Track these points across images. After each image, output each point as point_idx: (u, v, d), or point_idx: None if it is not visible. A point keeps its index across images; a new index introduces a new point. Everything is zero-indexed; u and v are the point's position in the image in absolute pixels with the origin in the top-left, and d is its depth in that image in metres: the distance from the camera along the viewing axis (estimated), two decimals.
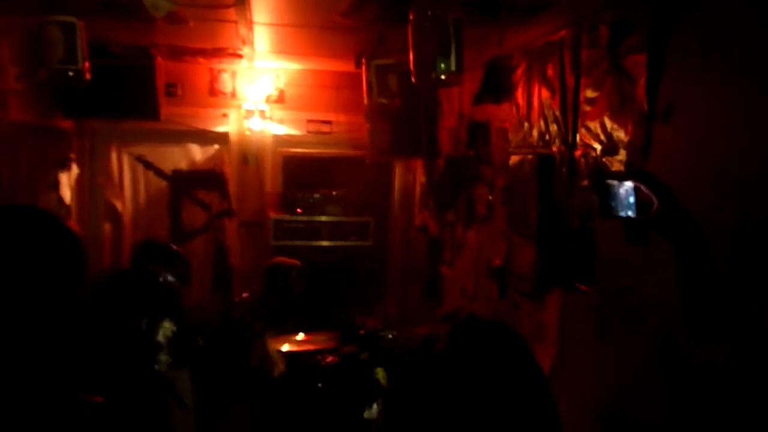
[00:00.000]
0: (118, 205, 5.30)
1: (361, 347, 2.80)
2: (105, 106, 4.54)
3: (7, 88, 3.61)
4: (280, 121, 5.47)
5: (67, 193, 4.57)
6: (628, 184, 1.55)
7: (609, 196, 1.59)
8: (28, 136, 3.91)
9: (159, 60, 4.61)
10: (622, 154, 2.44)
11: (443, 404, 1.03)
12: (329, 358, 2.91)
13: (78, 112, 4.67)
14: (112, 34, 4.03)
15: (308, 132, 5.52)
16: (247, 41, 3.91)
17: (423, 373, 1.08)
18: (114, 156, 5.30)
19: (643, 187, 1.53)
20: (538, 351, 3.07)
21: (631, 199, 1.55)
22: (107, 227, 5.29)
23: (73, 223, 1.43)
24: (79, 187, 4.93)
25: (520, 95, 3.37)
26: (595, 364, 2.62)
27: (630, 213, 1.56)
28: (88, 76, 2.89)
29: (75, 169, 4.74)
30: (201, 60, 4.93)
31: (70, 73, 2.78)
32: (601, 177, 1.67)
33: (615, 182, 1.57)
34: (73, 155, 4.76)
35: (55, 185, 4.43)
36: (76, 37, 2.79)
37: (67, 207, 4.63)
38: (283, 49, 4.53)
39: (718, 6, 1.96)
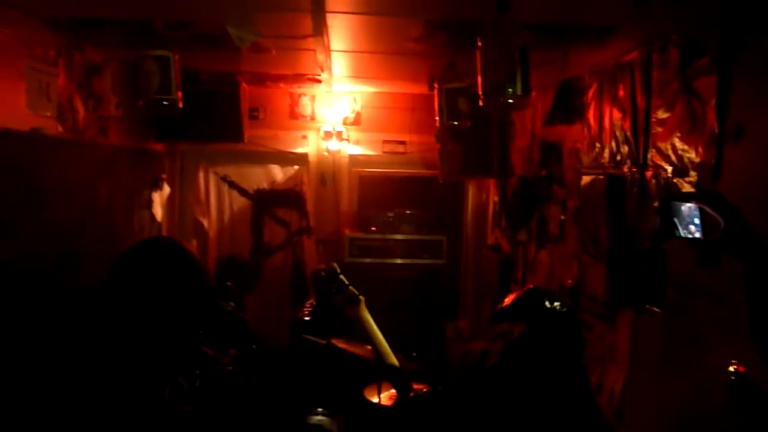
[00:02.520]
0: (205, 222, 5.62)
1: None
2: (194, 130, 4.85)
3: (107, 115, 3.94)
4: (357, 142, 5.66)
5: (158, 211, 4.89)
6: (692, 206, 1.57)
7: (672, 217, 1.62)
8: (125, 158, 4.24)
9: (243, 86, 4.89)
10: (692, 176, 2.42)
11: (495, 417, 1.10)
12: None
13: (170, 136, 5.02)
14: (200, 63, 4.32)
15: (383, 152, 5.68)
16: (325, 67, 4.09)
17: (477, 387, 1.15)
18: (201, 176, 5.64)
19: (708, 209, 1.55)
20: (609, 372, 3.07)
21: (696, 220, 1.57)
22: (194, 243, 5.61)
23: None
24: (169, 205, 5.26)
25: (591, 116, 3.38)
26: (665, 387, 2.59)
27: (695, 234, 1.57)
28: (180, 105, 3.13)
29: (166, 189, 5.07)
30: (282, 85, 5.19)
31: (165, 103, 3.02)
32: (664, 198, 1.69)
33: (678, 203, 1.59)
34: (164, 176, 5.10)
35: (148, 203, 4.76)
36: (170, 70, 3.03)
37: (159, 224, 4.95)
38: (360, 74, 4.71)
39: None
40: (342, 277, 2.34)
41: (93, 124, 3.73)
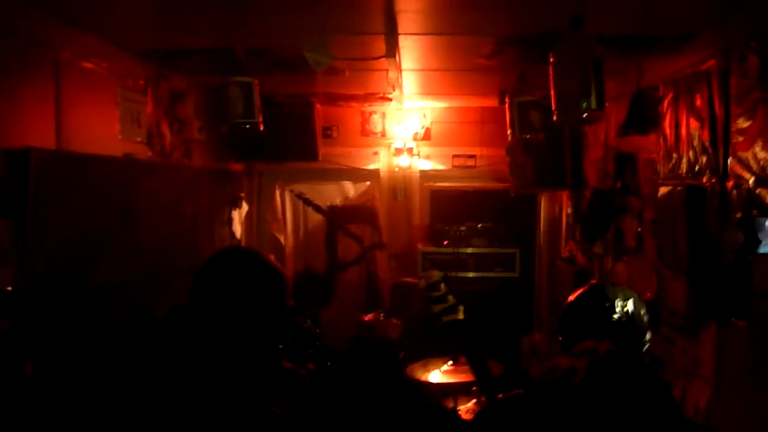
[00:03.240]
0: (281, 238, 5.81)
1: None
2: (270, 150, 5.04)
3: (191, 138, 4.15)
4: (427, 157, 5.72)
5: (238, 228, 5.09)
6: None
7: (756, 232, 1.59)
8: (206, 178, 4.45)
9: (317, 106, 5.05)
10: None
11: None
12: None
13: (248, 156, 5.24)
14: (276, 86, 4.49)
15: (453, 166, 5.72)
16: (396, 86, 4.19)
17: (563, 404, 1.17)
18: (278, 194, 5.83)
19: None
20: (692, 388, 2.99)
21: None
22: (272, 258, 5.79)
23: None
24: (247, 222, 5.46)
25: (667, 126, 3.32)
26: (750, 402, 2.51)
27: None
28: (261, 127, 3.29)
29: (245, 207, 5.27)
30: (354, 104, 5.33)
31: (247, 126, 3.18)
32: (747, 214, 1.67)
33: (763, 218, 1.57)
34: (243, 194, 5.30)
35: (229, 221, 4.96)
36: (252, 95, 3.19)
37: (238, 241, 5.15)
38: (430, 91, 4.78)
39: None
40: (443, 285, 2.34)
41: (178, 148, 3.95)
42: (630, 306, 1.92)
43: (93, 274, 2.80)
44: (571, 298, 2.06)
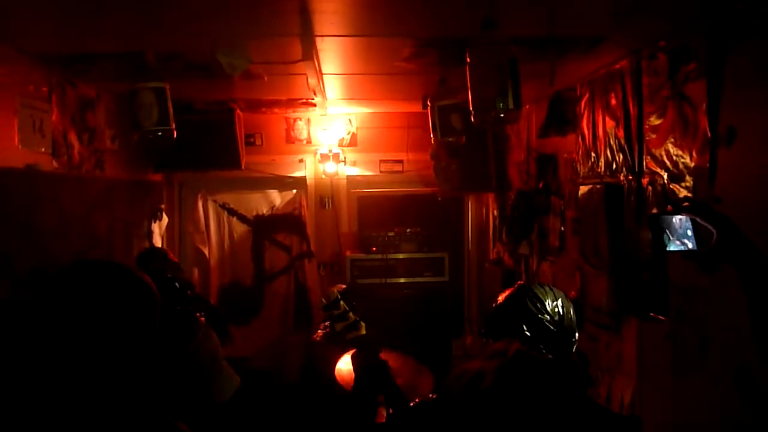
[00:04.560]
0: (205, 250, 5.62)
1: None
2: (191, 159, 4.87)
3: (103, 148, 3.95)
4: (354, 163, 5.67)
5: (158, 242, 4.88)
6: (683, 218, 1.56)
7: (663, 230, 1.61)
8: (122, 190, 4.25)
9: (238, 113, 4.91)
10: (688, 181, 2.42)
11: None
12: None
13: (167, 166, 5.04)
14: (195, 92, 4.34)
15: (381, 172, 5.69)
16: (318, 91, 4.11)
17: (472, 410, 1.12)
18: (200, 205, 5.64)
19: (699, 219, 1.54)
20: (617, 383, 3.03)
21: (689, 232, 1.56)
22: (195, 272, 5.60)
23: (144, 274, 1.57)
24: (169, 235, 5.26)
25: (585, 126, 3.39)
26: (674, 394, 2.56)
27: (689, 245, 1.56)
28: (175, 135, 3.14)
29: (165, 219, 5.06)
30: (277, 110, 5.21)
31: (160, 133, 3.03)
32: (653, 214, 1.69)
33: (669, 217, 1.59)
34: (163, 206, 5.10)
35: (148, 234, 4.75)
36: (165, 100, 3.05)
37: None
38: (353, 95, 4.73)
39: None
40: (342, 303, 2.31)
41: (89, 158, 3.74)
42: (558, 305, 1.90)
43: None
44: (499, 299, 2.03)
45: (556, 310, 1.86)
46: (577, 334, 1.90)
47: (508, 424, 1.09)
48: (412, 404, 1.97)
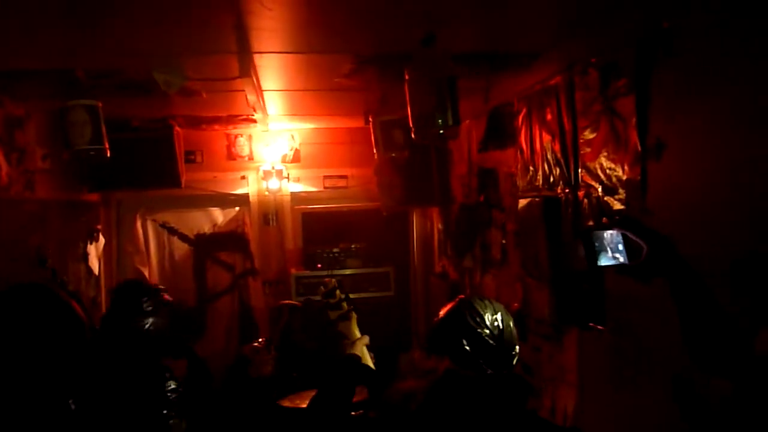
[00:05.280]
0: (145, 271, 5.45)
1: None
2: (129, 178, 4.73)
3: (33, 168, 3.80)
4: (297, 180, 5.62)
5: (95, 264, 4.72)
6: (614, 232, 1.59)
7: (594, 246, 1.63)
8: (55, 211, 4.09)
9: (177, 130, 4.80)
10: (621, 193, 2.49)
11: None
12: None
13: (103, 185, 4.88)
14: (131, 109, 4.23)
15: (325, 188, 5.66)
16: (258, 107, 4.06)
17: (402, 429, 1.11)
18: (139, 224, 5.49)
19: (630, 234, 1.58)
20: (560, 393, 3.07)
21: (620, 246, 1.59)
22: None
23: (64, 294, 1.54)
24: (106, 256, 5.09)
25: (523, 140, 3.45)
26: (614, 402, 2.61)
27: (620, 260, 1.60)
28: (108, 153, 3.05)
29: (102, 240, 4.90)
30: (217, 127, 5.12)
31: (92, 153, 2.94)
32: (584, 229, 1.72)
33: (600, 232, 1.62)
34: (99, 226, 4.93)
35: (84, 256, 4.59)
36: (98, 118, 2.96)
37: (96, 277, 4.78)
38: (295, 111, 4.69)
39: (693, 46, 2.04)
40: (338, 292, 2.29)
41: (18, 179, 3.59)
42: (498, 319, 1.91)
43: None
44: (440, 314, 2.03)
45: (496, 324, 1.86)
46: (517, 347, 1.91)
47: None
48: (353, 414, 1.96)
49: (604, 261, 1.59)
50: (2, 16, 2.29)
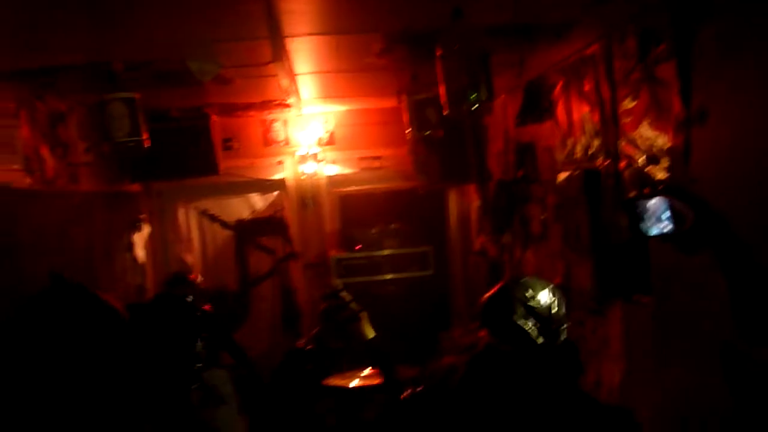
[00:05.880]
0: (188, 258, 5.56)
1: None
2: (169, 168, 4.82)
3: (77, 161, 3.89)
4: (333, 162, 5.63)
5: (140, 253, 4.83)
6: (659, 200, 1.56)
7: (639, 215, 1.60)
8: (100, 202, 4.19)
9: (214, 118, 4.86)
10: (664, 162, 2.42)
11: None
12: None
13: (145, 176, 4.98)
14: (168, 100, 4.29)
15: (360, 169, 5.66)
16: (292, 91, 4.08)
17: (443, 404, 1.11)
18: (181, 213, 5.59)
19: (675, 202, 1.54)
20: (605, 367, 3.04)
21: (665, 215, 1.56)
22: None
23: (109, 296, 1.58)
24: (151, 245, 5.20)
25: (561, 113, 3.39)
26: (661, 374, 2.57)
27: (665, 229, 1.56)
28: (147, 144, 3.11)
29: (146, 229, 5.01)
30: (252, 113, 5.17)
31: (131, 144, 3.00)
32: (629, 199, 1.68)
33: (644, 200, 1.58)
34: (143, 216, 5.04)
35: (129, 246, 4.70)
36: (136, 111, 3.01)
37: (142, 266, 4.89)
38: (328, 94, 4.70)
39: (733, 7, 1.97)
40: (343, 293, 2.31)
41: (63, 172, 3.69)
42: (548, 295, 1.88)
43: None
44: (488, 293, 2.02)
45: (545, 300, 1.85)
46: (565, 324, 1.89)
47: (478, 420, 1.08)
48: (402, 397, 1.97)
49: (649, 230, 1.56)
50: (39, 13, 2.34)
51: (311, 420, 3.52)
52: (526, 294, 1.83)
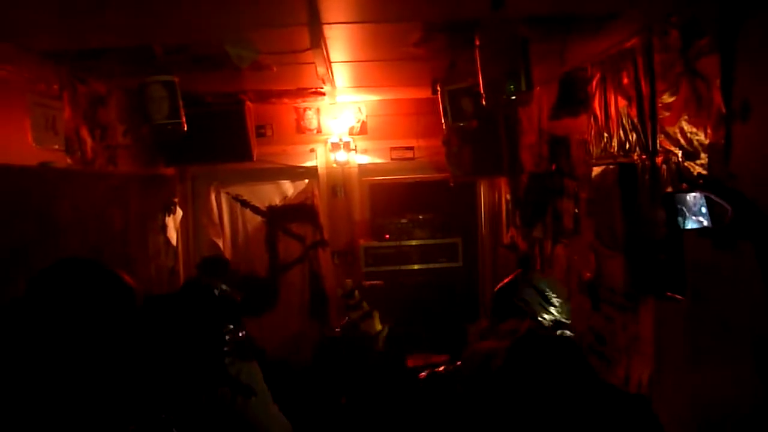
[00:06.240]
0: (219, 242, 5.64)
1: None
2: (203, 152, 4.89)
3: (115, 143, 3.97)
4: (365, 151, 5.66)
5: (173, 235, 4.91)
6: (698, 195, 1.54)
7: (677, 209, 1.59)
8: (136, 185, 4.27)
9: (248, 104, 4.91)
10: (703, 158, 2.38)
11: (502, 421, 1.06)
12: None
13: (179, 160, 5.06)
14: (204, 85, 4.35)
15: (392, 159, 5.68)
16: (327, 79, 4.10)
17: (483, 388, 1.11)
18: (213, 197, 5.67)
19: (713, 197, 1.52)
20: (634, 364, 3.02)
21: (703, 209, 1.55)
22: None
23: (122, 272, 1.60)
24: (183, 228, 5.28)
25: (597, 106, 3.35)
26: (693, 373, 2.54)
27: (703, 223, 1.55)
28: (185, 127, 3.16)
29: (179, 213, 5.09)
30: (286, 100, 5.21)
31: (169, 127, 3.05)
32: (667, 193, 1.67)
33: (683, 194, 1.57)
34: (176, 199, 5.12)
35: (163, 228, 4.78)
36: (175, 94, 3.06)
37: (174, 248, 4.97)
38: (362, 83, 4.71)
39: None
40: (356, 292, 2.39)
41: (101, 154, 3.76)
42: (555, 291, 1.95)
43: (9, 288, 2.62)
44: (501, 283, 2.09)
45: (553, 295, 1.92)
46: (559, 313, 1.96)
47: (518, 403, 1.09)
48: (422, 375, 2.03)
49: (687, 224, 1.54)
50: None
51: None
52: (533, 281, 1.90)
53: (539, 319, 1.71)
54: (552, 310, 1.88)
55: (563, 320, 1.89)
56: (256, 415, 2.45)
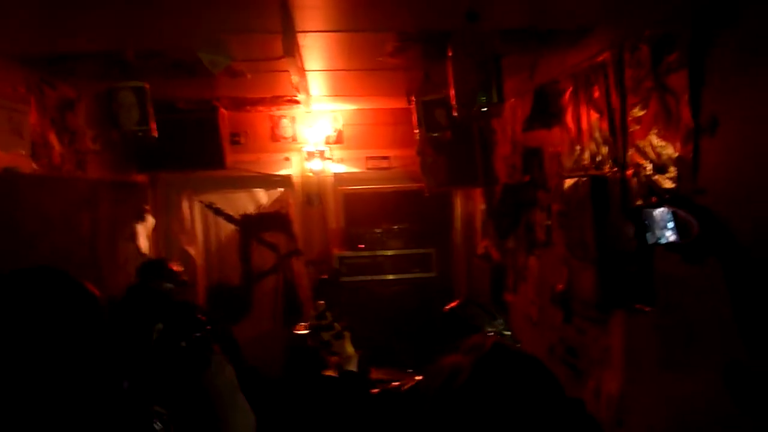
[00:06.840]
0: (192, 250, 5.57)
1: None
2: (175, 159, 4.82)
3: (84, 149, 3.90)
4: (340, 160, 5.63)
5: (144, 243, 4.83)
6: (665, 210, 1.55)
7: (644, 223, 1.60)
8: (105, 191, 4.20)
9: (222, 111, 4.86)
10: (672, 171, 2.41)
11: None
12: None
13: (151, 166, 4.98)
14: (177, 91, 4.30)
15: (367, 169, 5.66)
16: (302, 88, 4.08)
17: (446, 407, 1.09)
18: (186, 205, 5.59)
19: (680, 212, 1.54)
20: (605, 376, 3.03)
21: (670, 224, 1.56)
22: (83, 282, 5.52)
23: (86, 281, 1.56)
24: (155, 236, 5.20)
25: (569, 119, 3.38)
26: (662, 386, 2.56)
27: (670, 238, 1.56)
28: (155, 133, 3.11)
29: (150, 220, 5.01)
30: (261, 108, 5.17)
31: (140, 133, 3.01)
32: (634, 207, 1.69)
33: (650, 210, 1.58)
34: (148, 207, 5.04)
35: (133, 236, 4.70)
36: (145, 100, 3.02)
37: (144, 256, 4.89)
38: (338, 92, 4.70)
39: (752, 19, 1.95)
40: (329, 313, 2.38)
41: (70, 159, 3.69)
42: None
43: None
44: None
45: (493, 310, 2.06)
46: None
47: (483, 423, 1.07)
48: (374, 392, 2.05)
49: (654, 239, 1.55)
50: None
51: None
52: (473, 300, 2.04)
53: (486, 330, 1.83)
54: (495, 323, 2.00)
55: (504, 332, 2.01)
56: (220, 395, 2.42)
